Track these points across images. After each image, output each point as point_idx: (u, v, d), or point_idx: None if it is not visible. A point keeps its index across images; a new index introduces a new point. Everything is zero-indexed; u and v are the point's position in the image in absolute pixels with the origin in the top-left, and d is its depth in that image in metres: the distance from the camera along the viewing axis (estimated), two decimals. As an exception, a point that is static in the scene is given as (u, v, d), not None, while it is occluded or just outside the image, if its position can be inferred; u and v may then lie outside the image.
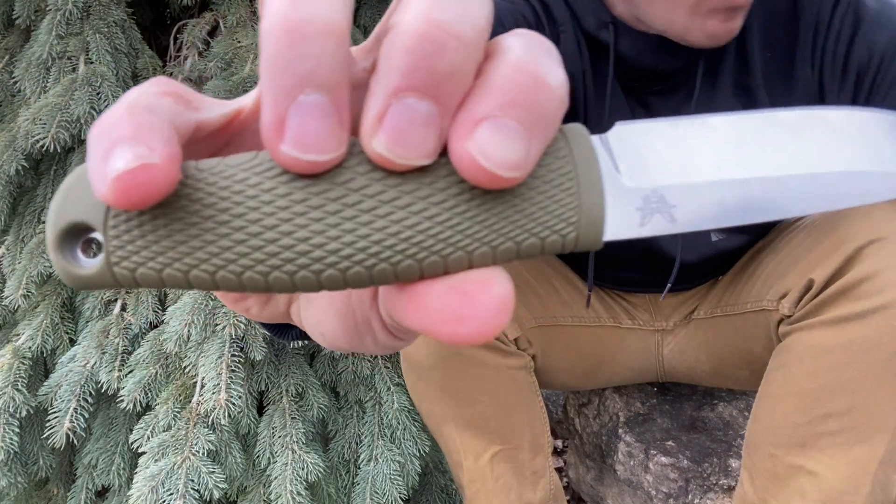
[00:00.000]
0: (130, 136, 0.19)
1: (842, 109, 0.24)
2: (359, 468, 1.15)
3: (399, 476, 1.13)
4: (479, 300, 0.20)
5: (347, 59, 0.20)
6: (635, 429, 1.20)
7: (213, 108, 0.24)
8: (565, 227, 0.22)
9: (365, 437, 1.17)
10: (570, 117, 0.90)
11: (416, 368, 1.03)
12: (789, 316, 0.88)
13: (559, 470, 1.52)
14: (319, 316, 0.27)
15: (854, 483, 0.82)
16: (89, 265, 0.20)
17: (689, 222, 0.23)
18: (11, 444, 1.07)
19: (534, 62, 0.20)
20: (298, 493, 1.03)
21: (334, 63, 0.19)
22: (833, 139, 0.24)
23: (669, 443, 1.15)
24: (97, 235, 0.20)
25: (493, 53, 0.21)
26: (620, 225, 0.22)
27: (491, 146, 0.19)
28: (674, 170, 0.23)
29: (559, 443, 1.60)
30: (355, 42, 1.35)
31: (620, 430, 1.21)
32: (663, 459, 1.12)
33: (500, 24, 0.85)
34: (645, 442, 1.16)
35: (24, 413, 1.09)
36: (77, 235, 0.21)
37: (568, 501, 1.42)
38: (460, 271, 0.21)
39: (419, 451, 1.16)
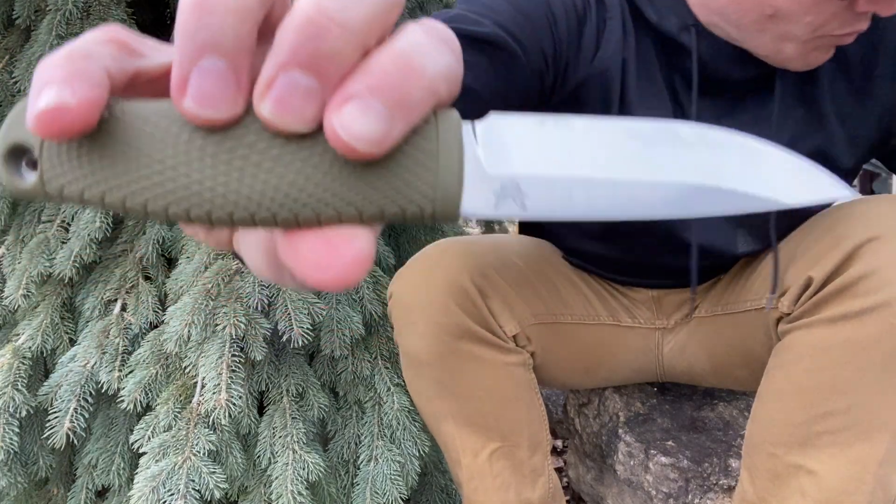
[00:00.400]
0: (59, 80, 0.22)
1: (695, 126, 0.26)
2: (358, 468, 1.15)
3: (399, 476, 1.13)
4: (340, 252, 0.23)
5: (250, 31, 0.23)
6: (635, 429, 1.20)
7: (158, 57, 0.27)
8: (424, 200, 0.24)
9: (365, 437, 1.17)
10: (601, 101, 0.90)
11: (414, 364, 1.03)
12: (788, 314, 0.88)
13: (559, 470, 1.52)
14: (250, 250, 0.29)
15: (854, 482, 0.81)
16: (28, 179, 0.24)
17: (539, 211, 0.26)
18: (11, 444, 1.07)
19: (413, 51, 0.23)
20: (299, 493, 1.03)
21: (235, 34, 0.22)
22: (680, 153, 0.26)
23: (669, 443, 1.15)
24: (35, 155, 0.24)
25: (386, 40, 0.24)
26: (476, 205, 0.25)
27: (352, 122, 0.22)
28: (531, 162, 0.26)
29: (559, 443, 1.60)
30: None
31: (620, 430, 1.21)
32: (663, 459, 1.13)
33: (548, 5, 0.85)
34: (645, 442, 1.16)
35: (24, 413, 1.09)
36: (21, 154, 0.24)
37: (568, 501, 1.42)
38: (332, 226, 0.24)
39: (419, 452, 1.16)
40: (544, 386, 1.15)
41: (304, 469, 1.05)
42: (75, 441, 1.10)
